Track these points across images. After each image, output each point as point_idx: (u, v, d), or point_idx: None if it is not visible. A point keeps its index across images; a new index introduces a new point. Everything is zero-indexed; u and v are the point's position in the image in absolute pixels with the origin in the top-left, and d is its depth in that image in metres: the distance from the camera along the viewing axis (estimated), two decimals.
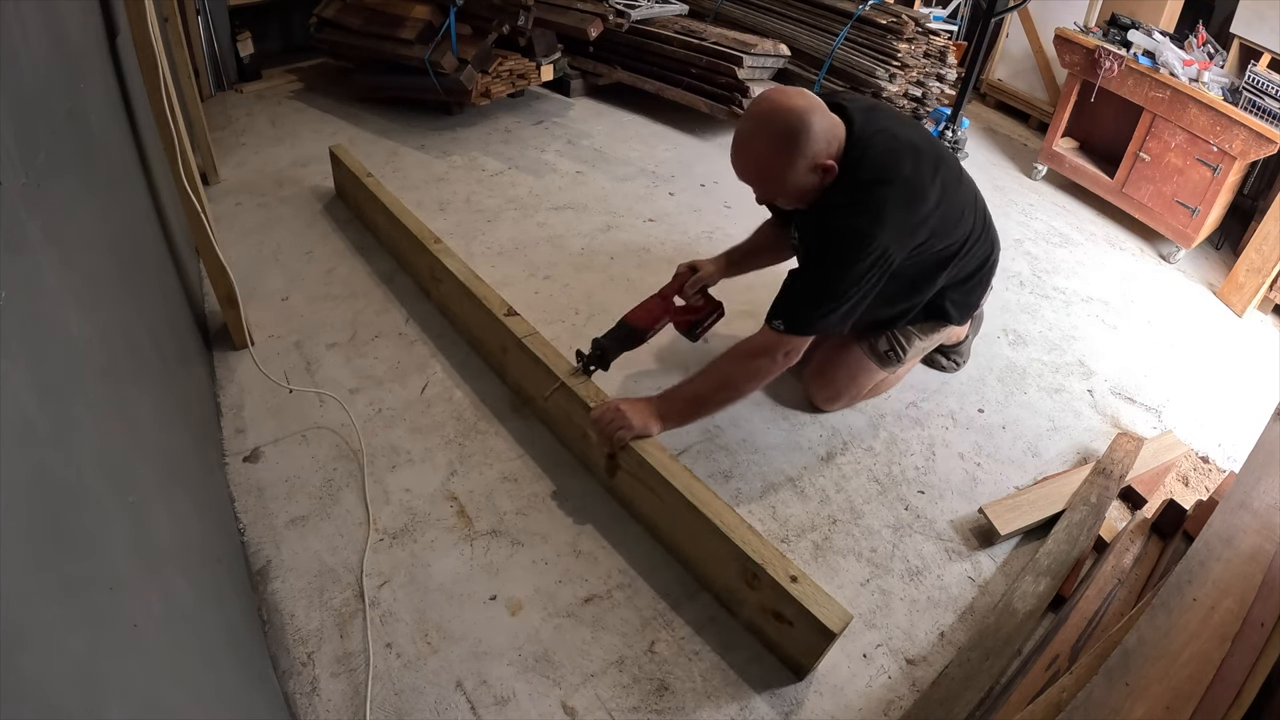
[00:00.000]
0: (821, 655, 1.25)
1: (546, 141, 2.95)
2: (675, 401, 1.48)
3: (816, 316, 1.44)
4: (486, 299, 1.75)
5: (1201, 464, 1.84)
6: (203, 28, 2.88)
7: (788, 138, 1.36)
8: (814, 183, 1.42)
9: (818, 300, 1.43)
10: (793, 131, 1.36)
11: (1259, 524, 1.19)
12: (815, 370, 1.81)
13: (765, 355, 1.45)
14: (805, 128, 1.36)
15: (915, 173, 1.44)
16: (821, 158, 1.39)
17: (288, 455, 1.58)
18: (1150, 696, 0.93)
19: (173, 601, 0.81)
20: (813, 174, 1.41)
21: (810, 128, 1.36)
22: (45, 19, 0.94)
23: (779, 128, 1.37)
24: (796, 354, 1.47)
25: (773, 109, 1.37)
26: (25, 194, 0.70)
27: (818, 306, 1.43)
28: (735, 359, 1.48)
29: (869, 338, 1.77)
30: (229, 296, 1.71)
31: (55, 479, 0.61)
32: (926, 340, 1.78)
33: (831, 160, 1.40)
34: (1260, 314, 2.57)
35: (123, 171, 1.33)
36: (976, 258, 1.69)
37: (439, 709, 1.19)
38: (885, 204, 1.40)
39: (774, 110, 1.37)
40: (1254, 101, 2.51)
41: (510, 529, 1.48)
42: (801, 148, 1.37)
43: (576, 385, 1.54)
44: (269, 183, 2.49)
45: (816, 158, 1.38)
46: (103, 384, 0.83)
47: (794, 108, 1.36)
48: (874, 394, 1.89)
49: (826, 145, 1.39)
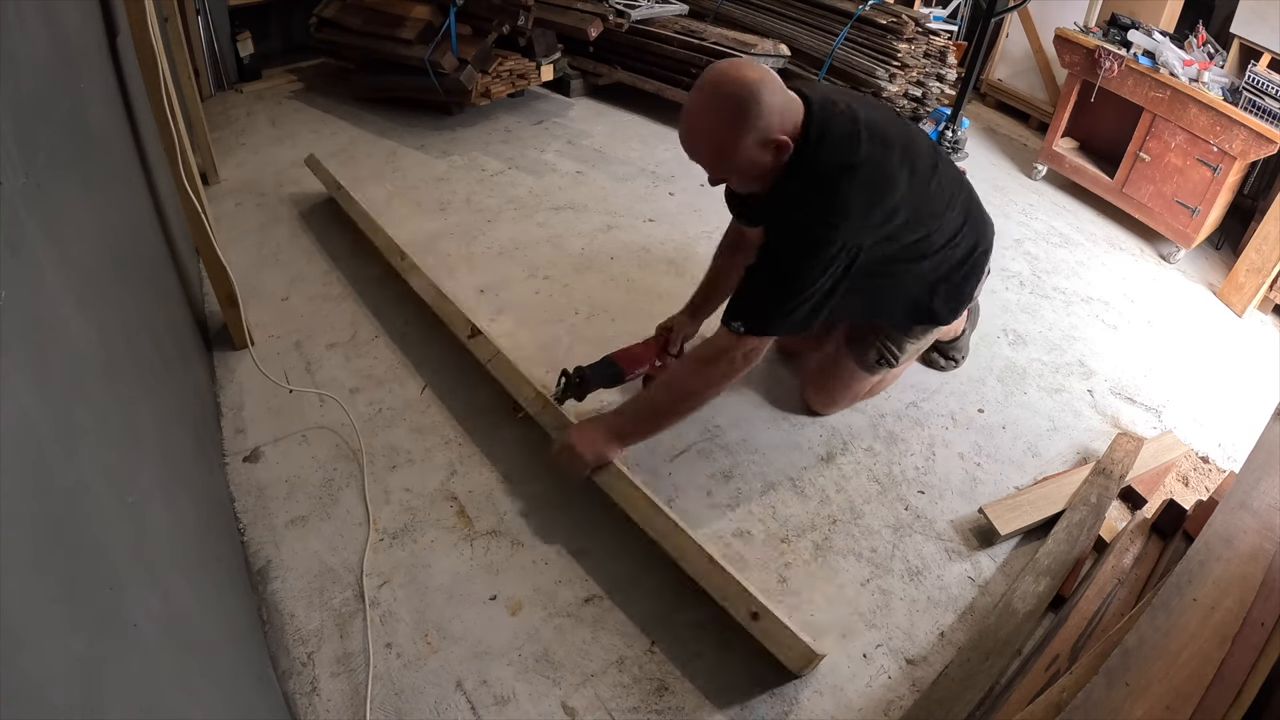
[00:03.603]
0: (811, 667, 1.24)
1: (546, 141, 2.95)
2: (633, 418, 1.44)
3: (779, 315, 1.35)
4: (451, 319, 1.72)
5: (1201, 464, 1.84)
6: (203, 28, 2.88)
7: (737, 109, 1.26)
8: (767, 161, 1.32)
9: (779, 298, 1.34)
10: (742, 102, 1.26)
11: (1259, 524, 1.19)
12: (809, 381, 1.81)
13: (724, 359, 1.37)
14: (755, 99, 1.26)
15: (880, 157, 1.34)
16: (774, 132, 1.29)
17: (288, 455, 1.58)
18: (1150, 696, 0.93)
19: (173, 601, 0.81)
20: (765, 150, 1.30)
21: (760, 99, 1.26)
22: (45, 19, 0.94)
23: (727, 98, 1.27)
24: (758, 354, 1.39)
25: (720, 79, 1.28)
26: (25, 194, 0.70)
27: (780, 304, 1.34)
28: (693, 366, 1.41)
29: (857, 349, 1.72)
30: (229, 296, 1.71)
31: (55, 479, 0.61)
32: (919, 343, 1.74)
33: (785, 136, 1.30)
34: (1260, 314, 2.57)
35: (123, 171, 1.33)
36: (961, 249, 1.58)
37: (439, 709, 1.19)
38: (847, 191, 1.31)
39: (722, 81, 1.28)
40: (1254, 101, 2.51)
41: (510, 529, 1.48)
42: (751, 120, 1.26)
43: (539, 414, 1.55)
44: (269, 183, 2.49)
45: (769, 132, 1.28)
46: (103, 384, 0.83)
47: (743, 79, 1.27)
48: (873, 394, 1.88)
49: (780, 120, 1.29)
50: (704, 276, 1.77)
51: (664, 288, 2.19)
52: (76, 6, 1.18)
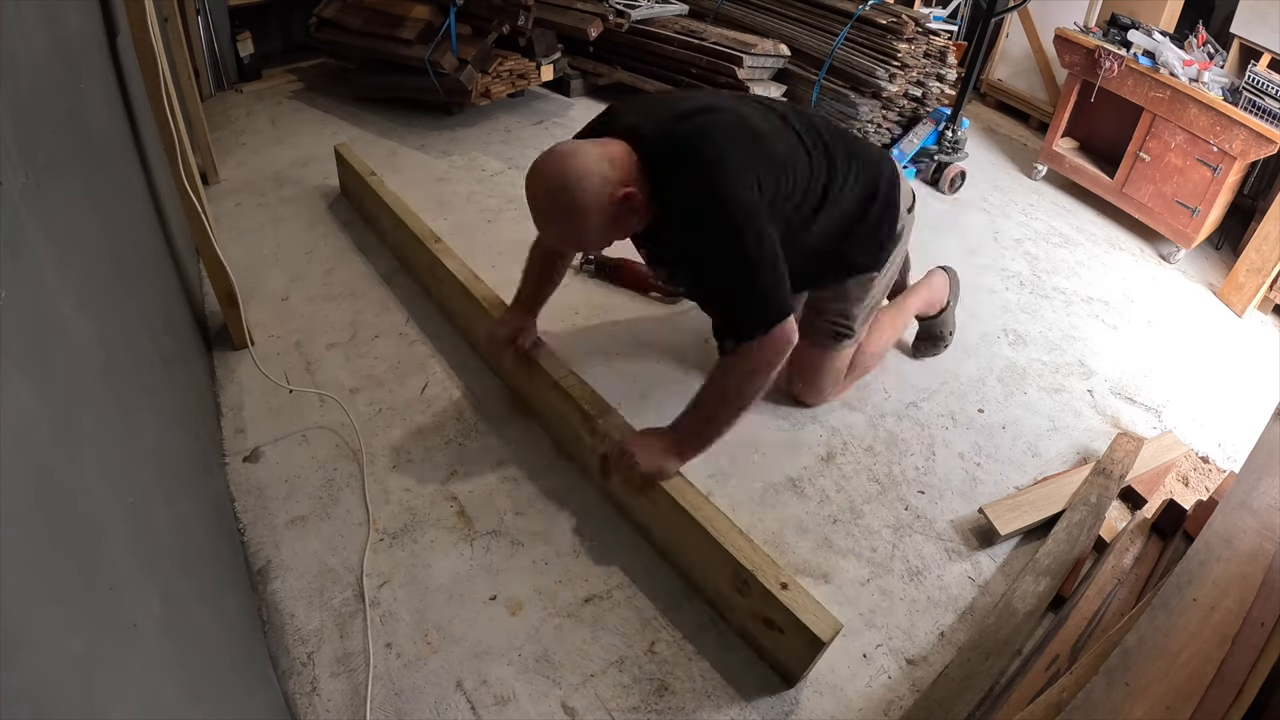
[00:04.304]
0: (812, 663, 1.25)
1: (546, 141, 2.94)
2: (691, 433, 1.40)
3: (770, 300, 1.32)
4: (485, 299, 1.75)
5: (1201, 464, 1.84)
6: (203, 28, 2.88)
7: (565, 207, 1.27)
8: (626, 212, 1.31)
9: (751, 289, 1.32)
10: (566, 199, 1.26)
11: (1259, 524, 1.19)
12: (790, 379, 1.80)
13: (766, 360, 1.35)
14: (575, 187, 1.26)
15: (723, 138, 1.32)
16: (615, 194, 1.28)
17: (288, 455, 1.58)
18: (1150, 696, 0.93)
19: (173, 601, 0.81)
20: (618, 207, 1.29)
21: (580, 183, 1.26)
22: (45, 19, 0.94)
23: (554, 202, 1.28)
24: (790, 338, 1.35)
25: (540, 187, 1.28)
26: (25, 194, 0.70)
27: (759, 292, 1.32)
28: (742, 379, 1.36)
29: (813, 336, 1.70)
30: (229, 296, 1.71)
31: (55, 479, 0.61)
32: (867, 299, 1.69)
33: (626, 187, 1.29)
34: (1260, 314, 2.57)
35: (123, 171, 1.33)
36: (853, 191, 1.53)
37: (439, 709, 1.19)
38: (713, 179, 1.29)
39: (540, 190, 1.29)
40: (1254, 101, 2.51)
41: (510, 529, 1.48)
42: (581, 206, 1.26)
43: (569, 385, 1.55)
44: (269, 183, 2.49)
45: (605, 199, 1.27)
46: (103, 384, 0.83)
47: (553, 170, 1.27)
48: (857, 370, 1.83)
49: (609, 179, 1.28)
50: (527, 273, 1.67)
51: None
52: (76, 6, 1.18)
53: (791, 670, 1.27)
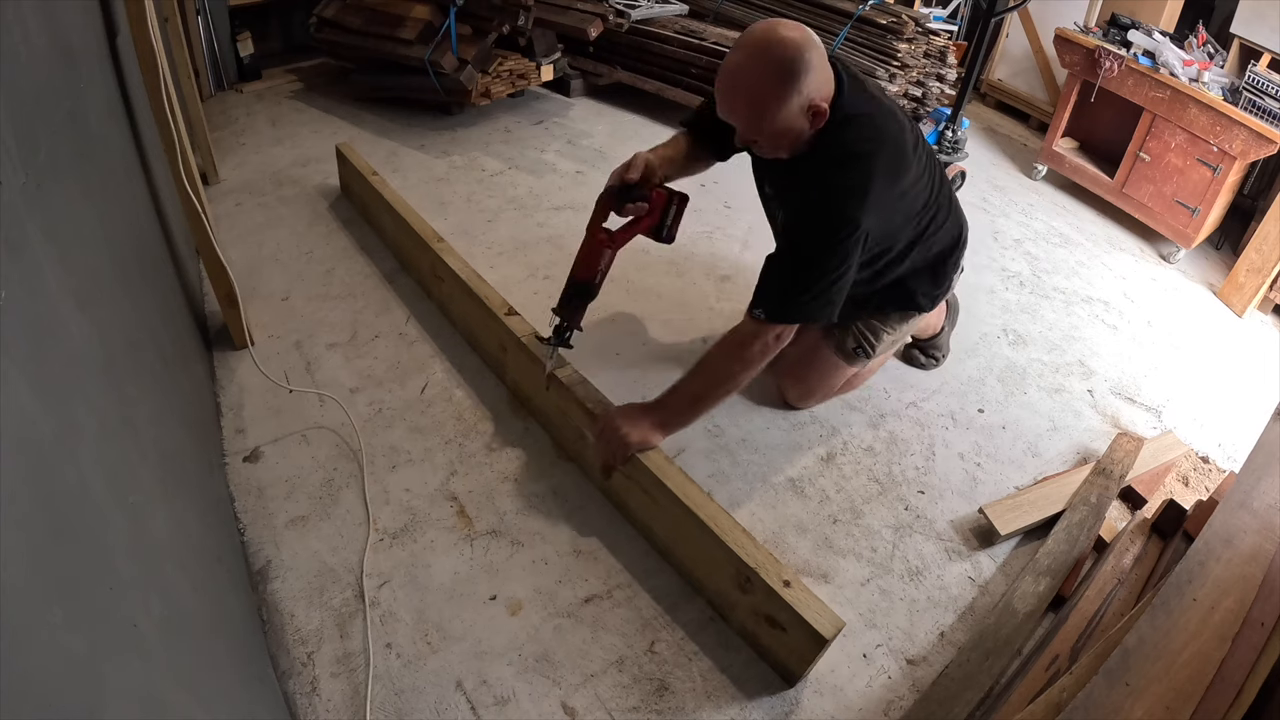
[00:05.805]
0: (813, 662, 1.25)
1: (546, 141, 2.95)
2: (673, 407, 1.45)
3: (802, 302, 1.37)
4: (488, 298, 1.75)
5: (1201, 464, 1.84)
6: (203, 28, 2.88)
7: (784, 69, 1.25)
8: (802, 127, 1.32)
9: (803, 285, 1.36)
10: (790, 63, 1.25)
11: (1259, 524, 1.19)
12: (786, 370, 1.79)
13: (755, 344, 1.39)
14: (804, 61, 1.25)
15: (899, 140, 1.36)
16: (816, 99, 1.29)
17: (288, 455, 1.58)
18: (1150, 696, 0.93)
19: (173, 601, 0.81)
20: (803, 115, 1.30)
21: (809, 63, 1.25)
22: (45, 19, 0.94)
23: (776, 58, 1.26)
24: (787, 337, 1.41)
25: (768, 37, 1.26)
26: (25, 194, 0.70)
27: (804, 291, 1.36)
28: (725, 351, 1.42)
29: (836, 335, 1.72)
30: (229, 296, 1.71)
31: (55, 479, 0.61)
32: (896, 333, 1.73)
33: (824, 104, 1.30)
34: (1260, 314, 2.57)
35: (123, 171, 1.33)
36: (945, 238, 1.61)
37: (439, 709, 1.19)
38: (870, 174, 1.32)
39: (769, 39, 1.26)
40: (1254, 101, 2.51)
41: (510, 529, 1.48)
42: (798, 83, 1.26)
43: (572, 383, 1.54)
44: (269, 183, 2.49)
45: (810, 97, 1.28)
46: (103, 384, 0.83)
47: (791, 39, 1.25)
48: (849, 388, 1.86)
49: (820, 86, 1.29)
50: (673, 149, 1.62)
51: (663, 288, 2.19)
52: (76, 6, 1.18)
53: (792, 670, 1.27)
